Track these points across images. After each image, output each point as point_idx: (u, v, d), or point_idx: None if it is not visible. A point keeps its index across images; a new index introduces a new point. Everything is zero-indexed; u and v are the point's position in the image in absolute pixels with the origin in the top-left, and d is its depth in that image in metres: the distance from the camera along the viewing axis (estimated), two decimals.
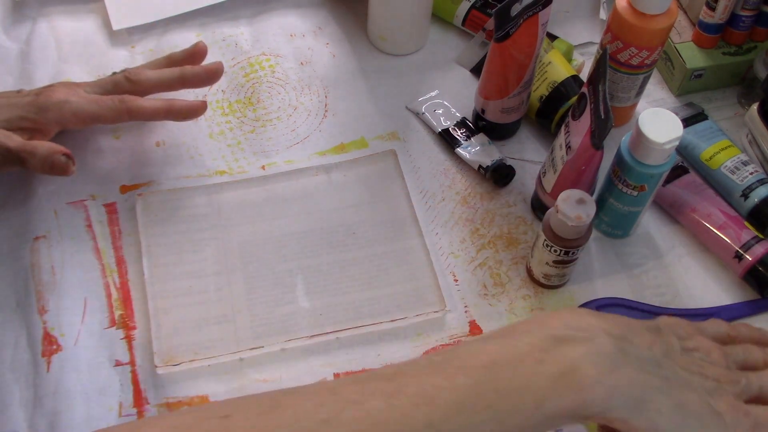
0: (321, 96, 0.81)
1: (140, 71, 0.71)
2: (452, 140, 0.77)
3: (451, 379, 0.46)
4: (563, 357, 0.47)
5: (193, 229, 0.71)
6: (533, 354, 0.47)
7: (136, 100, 0.69)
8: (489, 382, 0.46)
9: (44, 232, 0.70)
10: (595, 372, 0.47)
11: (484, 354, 0.48)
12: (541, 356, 0.47)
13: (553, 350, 0.47)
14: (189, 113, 0.71)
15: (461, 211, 0.74)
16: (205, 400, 0.63)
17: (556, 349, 0.47)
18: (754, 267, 0.68)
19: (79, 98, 0.68)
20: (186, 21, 0.85)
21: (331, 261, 0.70)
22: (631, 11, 0.69)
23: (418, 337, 0.67)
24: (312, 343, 0.65)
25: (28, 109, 0.67)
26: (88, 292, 0.67)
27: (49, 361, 0.63)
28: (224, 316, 0.66)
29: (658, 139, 0.63)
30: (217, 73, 0.73)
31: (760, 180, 0.73)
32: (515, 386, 0.46)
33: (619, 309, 0.68)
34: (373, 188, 0.74)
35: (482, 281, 0.70)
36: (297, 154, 0.76)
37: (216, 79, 0.73)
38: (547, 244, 0.65)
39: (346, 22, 0.86)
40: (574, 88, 0.75)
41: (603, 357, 0.47)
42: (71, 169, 0.66)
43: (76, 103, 0.68)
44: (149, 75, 0.71)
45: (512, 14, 0.67)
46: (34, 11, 0.84)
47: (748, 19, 0.78)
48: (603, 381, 0.47)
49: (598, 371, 0.47)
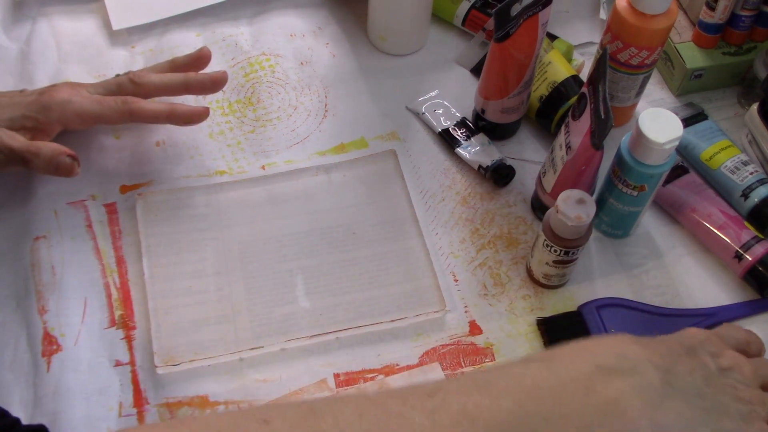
0: (321, 96, 0.81)
1: (144, 74, 0.71)
2: (452, 140, 0.77)
3: (494, 400, 0.46)
4: (610, 388, 0.47)
5: (193, 229, 0.71)
6: (579, 382, 0.47)
7: (138, 102, 0.69)
8: (533, 407, 0.46)
9: (44, 232, 0.70)
10: (641, 405, 0.47)
11: (528, 377, 0.48)
12: (587, 385, 0.47)
13: (599, 380, 0.47)
14: (191, 118, 0.71)
15: (461, 211, 0.74)
16: (205, 400, 0.63)
17: (602, 380, 0.47)
18: (754, 267, 0.68)
19: (82, 98, 0.68)
20: (186, 21, 0.85)
21: (331, 261, 0.70)
22: (631, 11, 0.69)
23: (418, 337, 0.67)
24: (312, 343, 0.65)
25: (31, 108, 0.67)
26: (88, 292, 0.67)
27: (49, 361, 0.63)
28: (224, 316, 0.66)
29: (658, 139, 0.63)
30: (221, 82, 0.73)
31: (760, 180, 0.73)
32: (560, 414, 0.46)
33: (619, 309, 0.68)
34: (373, 188, 0.74)
35: (482, 281, 0.70)
36: (297, 154, 0.76)
37: (219, 87, 0.73)
38: (547, 244, 0.65)
39: (346, 22, 0.86)
40: (574, 88, 0.75)
41: (649, 390, 0.48)
42: (76, 170, 0.66)
43: (78, 103, 0.68)
44: (153, 78, 0.71)
45: (512, 14, 0.67)
46: (34, 11, 0.84)
47: (748, 19, 0.78)
48: (648, 415, 0.47)
49: (644, 405, 0.47)
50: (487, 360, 0.66)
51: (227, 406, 0.62)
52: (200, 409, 0.62)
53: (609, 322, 0.66)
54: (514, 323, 0.68)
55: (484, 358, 0.66)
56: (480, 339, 0.67)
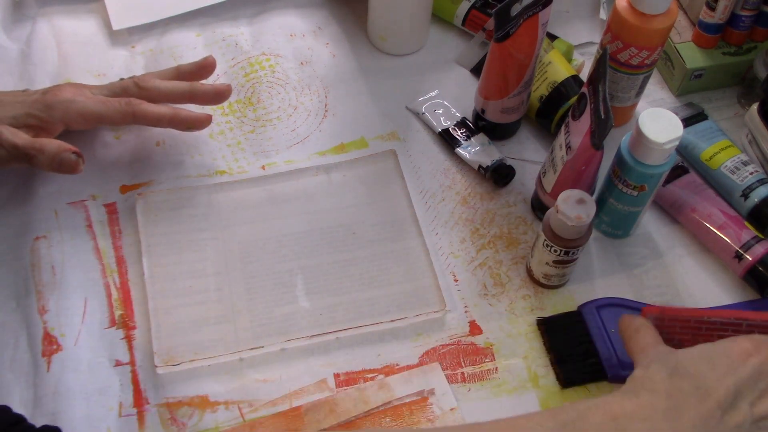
0: (321, 96, 0.81)
1: (149, 79, 0.71)
2: (452, 140, 0.77)
3: None
4: None
5: (193, 229, 0.71)
6: None
7: (142, 104, 0.69)
8: None
9: (44, 232, 0.70)
10: None
11: None
12: None
13: None
14: (193, 124, 0.72)
15: (461, 211, 0.74)
16: (205, 400, 0.63)
17: None
18: (754, 267, 0.68)
19: (85, 98, 0.68)
20: (186, 21, 0.85)
21: (331, 261, 0.70)
22: (631, 11, 0.69)
23: (418, 337, 0.67)
24: (312, 343, 0.66)
25: (34, 107, 0.67)
26: (88, 292, 0.67)
27: (49, 361, 0.63)
28: (224, 316, 0.66)
29: (658, 139, 0.63)
30: (225, 95, 0.73)
31: (760, 180, 0.73)
32: None
33: (620, 309, 0.68)
34: (373, 188, 0.74)
35: (482, 281, 0.70)
36: (297, 154, 0.76)
37: (223, 100, 0.74)
38: (547, 244, 0.65)
39: (346, 22, 0.86)
40: (574, 88, 0.75)
41: None
42: (80, 167, 0.67)
43: (82, 103, 0.68)
44: (158, 84, 0.71)
45: (512, 14, 0.67)
46: (34, 11, 0.84)
47: (748, 19, 0.78)
48: None
49: None
50: (487, 360, 0.66)
51: (227, 406, 0.62)
52: (200, 409, 0.62)
53: (609, 323, 0.66)
54: (514, 323, 0.68)
55: (484, 358, 0.66)
56: (480, 339, 0.67)
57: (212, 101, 0.74)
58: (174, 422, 0.62)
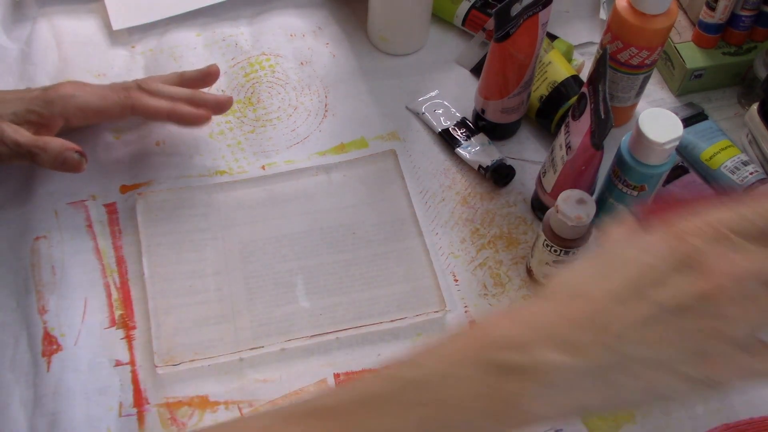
0: (321, 96, 0.81)
1: (152, 82, 0.72)
2: (452, 140, 0.77)
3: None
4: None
5: (193, 229, 0.71)
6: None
7: (141, 98, 0.70)
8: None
9: (44, 232, 0.70)
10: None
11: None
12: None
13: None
14: (192, 120, 0.72)
15: (461, 211, 0.74)
16: (205, 400, 0.63)
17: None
18: None
19: (85, 93, 0.69)
20: (186, 21, 0.85)
21: (331, 261, 0.70)
22: (631, 11, 0.69)
23: (418, 337, 0.67)
24: (312, 343, 0.66)
25: (35, 103, 0.67)
26: (88, 292, 0.67)
27: (49, 361, 0.63)
28: (224, 316, 0.66)
29: (658, 139, 0.63)
30: (225, 106, 0.74)
31: (760, 180, 0.73)
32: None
33: None
34: (373, 188, 0.74)
35: (482, 281, 0.70)
36: (297, 154, 0.76)
37: (222, 111, 0.74)
38: (547, 244, 0.65)
39: (346, 22, 0.86)
40: (574, 88, 0.75)
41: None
42: (83, 166, 0.67)
43: (81, 98, 0.68)
44: (161, 88, 0.71)
45: (512, 14, 0.67)
46: (34, 11, 0.84)
47: (748, 19, 0.78)
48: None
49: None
50: None
51: (227, 406, 0.62)
52: (200, 409, 0.62)
53: None
54: None
55: None
56: None
57: (212, 111, 0.74)
58: (174, 422, 0.62)
